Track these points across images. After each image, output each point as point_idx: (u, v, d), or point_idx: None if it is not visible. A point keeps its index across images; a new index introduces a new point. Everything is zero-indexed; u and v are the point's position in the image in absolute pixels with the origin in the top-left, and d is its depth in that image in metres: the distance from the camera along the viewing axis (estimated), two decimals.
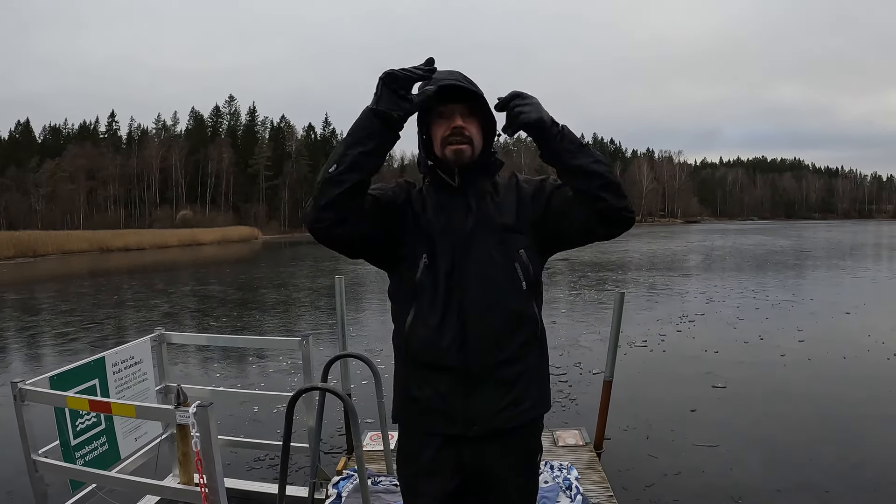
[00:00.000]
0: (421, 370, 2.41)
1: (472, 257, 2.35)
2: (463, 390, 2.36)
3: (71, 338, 14.53)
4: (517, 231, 2.41)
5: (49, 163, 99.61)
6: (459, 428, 2.37)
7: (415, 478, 2.51)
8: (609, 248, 42.89)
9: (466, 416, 2.36)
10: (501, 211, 2.42)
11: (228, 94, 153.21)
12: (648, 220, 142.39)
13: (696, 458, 6.78)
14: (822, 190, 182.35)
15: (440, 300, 2.34)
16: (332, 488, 5.12)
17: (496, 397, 2.37)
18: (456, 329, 2.33)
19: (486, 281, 2.34)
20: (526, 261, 2.40)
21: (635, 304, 17.64)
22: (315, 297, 21.63)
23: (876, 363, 10.74)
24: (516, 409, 2.40)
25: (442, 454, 2.42)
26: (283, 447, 3.76)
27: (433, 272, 2.35)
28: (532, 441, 2.55)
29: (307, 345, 5.05)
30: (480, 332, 2.33)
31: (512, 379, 2.39)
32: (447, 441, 2.40)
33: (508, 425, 2.39)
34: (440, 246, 2.36)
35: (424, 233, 2.38)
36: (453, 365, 2.34)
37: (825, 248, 47.12)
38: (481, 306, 2.33)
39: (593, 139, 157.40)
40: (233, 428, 7.35)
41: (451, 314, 2.33)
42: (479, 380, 2.35)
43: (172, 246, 66.65)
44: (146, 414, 3.83)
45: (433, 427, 2.41)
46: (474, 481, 2.45)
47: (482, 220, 2.39)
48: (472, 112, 2.37)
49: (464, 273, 2.34)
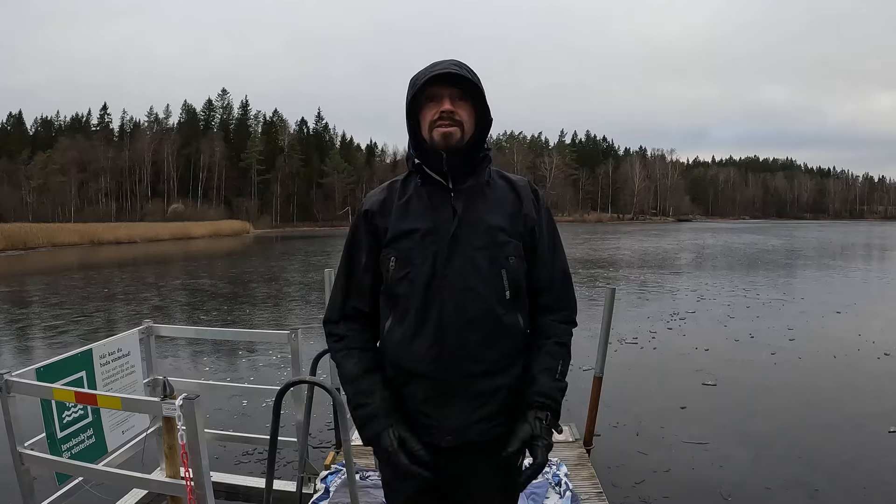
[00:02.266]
0: (398, 376, 2.36)
1: (454, 265, 2.28)
2: (438, 400, 2.31)
3: (60, 330, 14.47)
4: (508, 235, 2.34)
5: (40, 155, 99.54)
6: (433, 437, 2.33)
7: (393, 474, 2.47)
8: (600, 245, 43.07)
9: (440, 427, 2.32)
10: (493, 212, 2.35)
11: (221, 88, 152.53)
12: (640, 218, 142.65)
13: (686, 455, 6.78)
14: (814, 190, 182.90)
15: (419, 309, 2.29)
16: (320, 483, 5.11)
17: (470, 410, 2.31)
18: (433, 340, 2.28)
19: (467, 291, 2.28)
20: (514, 267, 2.34)
21: (626, 302, 17.68)
22: (306, 291, 21.58)
23: (866, 362, 10.77)
24: (491, 423, 2.34)
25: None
26: (271, 441, 3.74)
27: (412, 280, 2.30)
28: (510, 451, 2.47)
29: (296, 338, 5.03)
30: (458, 343, 2.27)
31: (490, 392, 2.32)
32: (423, 444, 2.34)
33: (483, 439, 2.34)
34: (421, 253, 2.30)
35: (406, 238, 2.33)
36: (429, 375, 2.29)
37: (816, 247, 47.23)
38: (460, 317, 2.27)
39: (586, 136, 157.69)
40: (222, 422, 7.32)
41: (428, 324, 2.28)
42: (455, 391, 2.30)
43: (163, 239, 66.49)
44: (132, 406, 3.81)
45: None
46: (453, 489, 2.42)
47: (469, 223, 2.32)
48: (465, 97, 2.32)
49: (444, 282, 2.28)
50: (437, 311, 2.27)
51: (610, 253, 39.23)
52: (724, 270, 28.75)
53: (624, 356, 11.11)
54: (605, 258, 35.17)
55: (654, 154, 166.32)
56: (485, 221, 2.33)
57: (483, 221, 2.33)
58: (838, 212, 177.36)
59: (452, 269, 2.28)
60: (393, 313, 2.35)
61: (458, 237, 2.30)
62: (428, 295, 2.28)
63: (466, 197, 2.35)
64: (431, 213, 2.33)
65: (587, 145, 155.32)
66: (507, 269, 2.32)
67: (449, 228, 2.30)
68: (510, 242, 2.33)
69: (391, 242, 2.34)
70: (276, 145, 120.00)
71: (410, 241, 2.32)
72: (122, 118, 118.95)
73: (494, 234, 2.32)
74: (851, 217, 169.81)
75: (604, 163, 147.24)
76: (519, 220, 2.38)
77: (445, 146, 2.30)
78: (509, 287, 2.32)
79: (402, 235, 2.33)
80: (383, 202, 2.41)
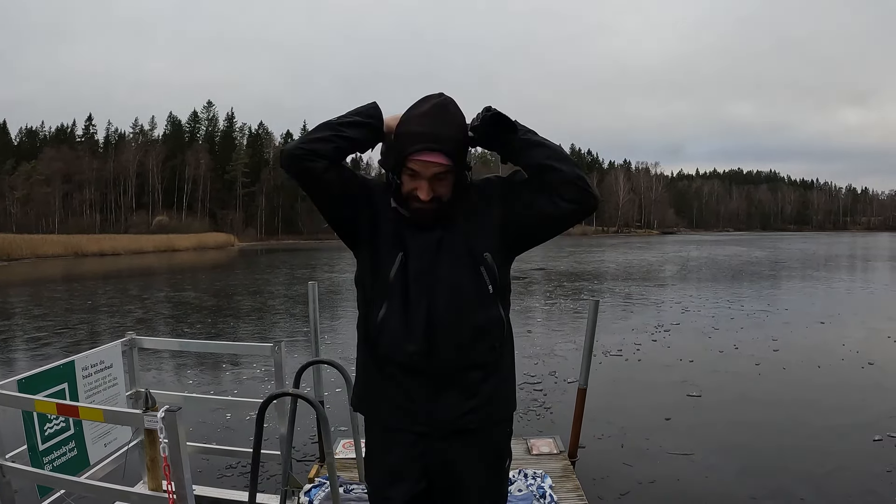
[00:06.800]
0: (387, 367, 2.40)
1: (442, 262, 2.35)
2: (428, 392, 2.37)
3: (43, 342, 14.37)
4: (483, 234, 2.40)
5: (25, 166, 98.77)
6: (423, 427, 2.38)
7: (381, 481, 2.49)
8: (585, 258, 43.17)
9: (430, 418, 2.37)
10: (468, 215, 2.41)
11: (206, 100, 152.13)
12: (625, 230, 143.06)
13: (671, 466, 6.77)
14: (798, 202, 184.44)
15: (410, 304, 2.34)
16: (303, 496, 5.08)
17: (460, 401, 2.38)
18: (424, 334, 2.32)
19: (455, 288, 2.34)
20: (491, 263, 2.39)
21: (611, 314, 17.69)
22: (290, 304, 21.50)
23: (850, 372, 10.81)
24: (481, 412, 2.41)
25: (408, 454, 2.41)
26: (254, 454, 3.71)
27: (405, 274, 2.35)
28: (499, 441, 2.54)
29: (279, 351, 5.00)
30: (448, 338, 2.33)
31: (477, 383, 2.40)
32: (411, 438, 2.40)
33: (472, 426, 2.40)
34: (413, 248, 2.36)
35: (396, 231, 2.39)
36: (421, 368, 2.34)
37: (800, 259, 47.53)
38: (450, 313, 2.33)
39: (571, 149, 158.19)
40: (205, 435, 7.26)
41: (419, 319, 2.33)
42: (445, 383, 2.37)
43: (148, 251, 66.28)
44: (114, 418, 3.77)
45: (397, 422, 2.42)
46: (440, 482, 2.45)
47: (451, 226, 2.38)
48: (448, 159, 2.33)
49: (433, 278, 2.34)
50: (426, 308, 2.33)
51: (595, 265, 39.32)
52: (709, 282, 28.86)
53: (608, 368, 11.10)
54: (589, 271, 35.24)
55: (639, 167, 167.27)
56: (460, 224, 2.40)
57: (459, 225, 2.40)
58: (822, 223, 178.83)
59: (441, 265, 2.36)
60: (386, 304, 2.38)
61: (443, 239, 2.38)
62: (419, 289, 2.34)
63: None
64: (416, 216, 2.38)
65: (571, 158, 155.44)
66: (485, 266, 2.38)
67: (434, 231, 2.38)
68: (485, 239, 2.40)
69: (386, 227, 2.42)
70: (262, 158, 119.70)
71: (405, 236, 2.39)
72: (108, 129, 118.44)
73: (469, 234, 2.39)
74: (835, 228, 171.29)
75: (588, 176, 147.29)
76: (493, 207, 2.44)
77: (418, 218, 2.36)
78: (490, 282, 2.38)
79: (398, 226, 2.40)
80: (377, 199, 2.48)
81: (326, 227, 2.61)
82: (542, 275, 30.68)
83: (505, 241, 2.43)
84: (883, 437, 7.48)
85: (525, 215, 2.40)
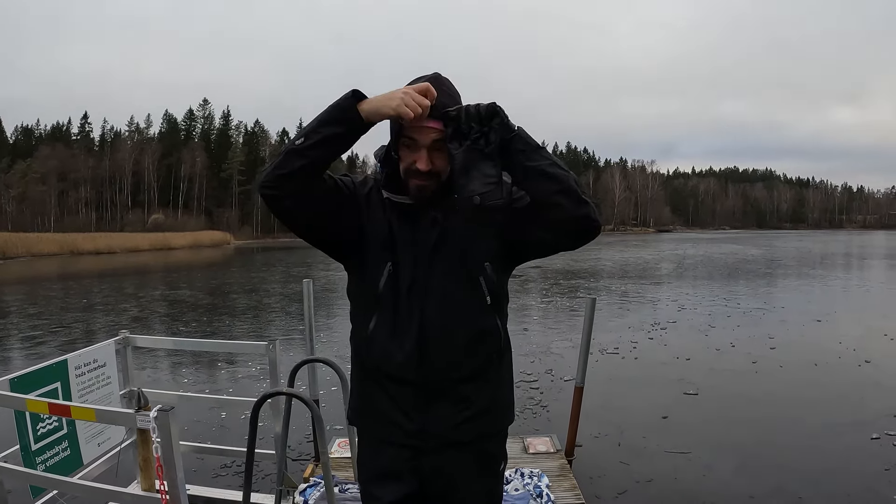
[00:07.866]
0: (380, 379, 2.36)
1: (436, 272, 2.28)
2: (420, 404, 2.32)
3: (38, 341, 14.33)
4: (483, 243, 2.31)
5: (20, 164, 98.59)
6: (416, 440, 2.33)
7: (372, 481, 2.45)
8: (581, 256, 43.07)
9: (423, 429, 2.32)
10: (469, 217, 2.30)
11: (202, 98, 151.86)
12: (621, 228, 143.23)
13: (669, 465, 6.76)
14: (793, 200, 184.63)
15: (401, 314, 2.28)
16: (298, 496, 5.05)
17: (454, 413, 2.33)
18: (416, 345, 2.27)
19: (449, 298, 2.28)
20: (491, 273, 2.32)
21: (607, 312, 17.69)
22: (286, 302, 21.49)
23: (847, 370, 10.83)
24: (474, 423, 2.36)
25: (400, 457, 2.37)
26: (248, 453, 3.68)
27: (395, 284, 2.29)
28: (493, 448, 2.49)
29: (273, 349, 4.96)
30: (441, 349, 2.28)
31: (471, 394, 2.35)
32: (405, 453, 2.36)
33: (466, 438, 2.35)
34: (403, 257, 2.29)
35: (387, 239, 2.31)
36: (412, 379, 2.29)
37: (796, 257, 47.62)
38: (443, 324, 2.27)
39: (567, 148, 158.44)
40: (199, 434, 7.25)
41: (411, 330, 2.27)
42: (438, 395, 2.32)
43: (144, 250, 66.22)
44: (107, 418, 3.73)
45: (390, 436, 2.37)
46: (433, 484, 2.41)
47: (448, 232, 2.29)
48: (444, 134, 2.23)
49: (426, 288, 2.27)
50: (418, 318, 2.27)
51: (591, 264, 39.29)
52: (705, 280, 28.88)
53: (605, 366, 11.09)
54: (586, 269, 35.22)
55: (635, 165, 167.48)
56: (459, 231, 2.30)
57: (458, 231, 2.30)
58: (817, 221, 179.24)
59: (434, 275, 2.28)
60: (376, 315, 2.32)
61: (438, 247, 2.29)
62: (411, 300, 2.28)
63: (444, 206, 2.31)
64: (411, 219, 2.32)
65: (567, 156, 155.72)
66: (485, 276, 2.31)
67: (429, 238, 2.30)
68: (486, 248, 2.31)
69: (375, 235, 2.33)
70: (258, 156, 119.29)
71: (395, 244, 2.30)
72: (104, 127, 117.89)
73: (469, 242, 2.30)
74: (831, 227, 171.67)
75: (584, 174, 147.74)
76: (494, 216, 2.32)
77: (417, 198, 2.28)
78: (489, 292, 2.32)
79: (387, 234, 2.31)
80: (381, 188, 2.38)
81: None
82: (539, 272, 30.65)
83: (502, 250, 2.35)
84: (881, 435, 7.47)
85: (525, 234, 2.31)
